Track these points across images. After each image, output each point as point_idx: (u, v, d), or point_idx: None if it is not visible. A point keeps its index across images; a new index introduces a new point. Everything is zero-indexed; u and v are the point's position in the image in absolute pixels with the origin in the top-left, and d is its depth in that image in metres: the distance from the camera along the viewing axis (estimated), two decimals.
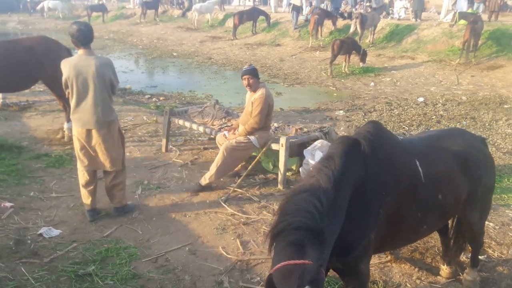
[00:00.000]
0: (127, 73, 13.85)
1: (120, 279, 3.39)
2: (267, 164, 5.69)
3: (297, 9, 19.04)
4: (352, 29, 16.03)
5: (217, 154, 5.08)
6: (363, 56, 13.11)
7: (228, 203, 4.73)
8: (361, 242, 2.36)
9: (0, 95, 8.28)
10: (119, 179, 4.36)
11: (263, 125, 5.01)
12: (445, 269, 3.47)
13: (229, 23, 22.31)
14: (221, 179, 5.24)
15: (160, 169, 5.65)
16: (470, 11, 16.34)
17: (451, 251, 3.48)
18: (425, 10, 20.17)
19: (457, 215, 3.26)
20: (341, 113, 9.02)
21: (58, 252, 3.75)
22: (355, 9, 20.34)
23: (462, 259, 3.62)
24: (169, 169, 5.68)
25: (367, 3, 20.38)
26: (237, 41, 19.62)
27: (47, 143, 6.38)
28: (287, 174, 5.30)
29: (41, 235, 4.00)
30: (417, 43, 15.45)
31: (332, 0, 20.23)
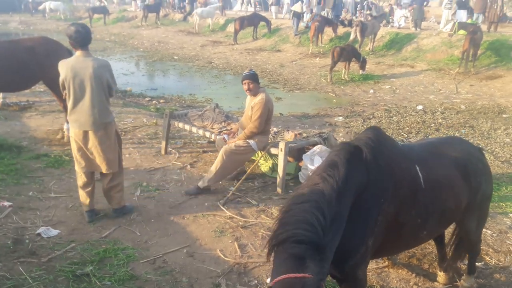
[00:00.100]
0: (128, 75, 13.87)
1: (117, 280, 3.39)
2: (266, 168, 5.71)
3: (298, 15, 19.13)
4: (352, 37, 16.12)
5: (216, 157, 5.10)
6: (363, 63, 13.17)
7: (226, 206, 4.74)
8: (359, 249, 2.34)
9: (0, 94, 8.30)
10: (117, 181, 4.36)
11: (262, 130, 5.03)
12: (442, 276, 3.48)
13: (230, 28, 22.40)
14: (220, 182, 5.26)
15: (159, 171, 5.66)
16: (469, 21, 16.44)
17: (451, 258, 3.48)
18: (425, 19, 20.29)
19: (456, 223, 3.27)
20: (340, 119, 9.06)
21: (56, 252, 3.75)
22: (356, 17, 20.45)
23: (459, 266, 3.63)
24: (168, 171, 5.69)
25: (368, 11, 20.49)
26: (237, 46, 19.69)
27: (46, 143, 6.39)
28: (286, 178, 5.32)
29: (39, 234, 4.00)
30: (417, 52, 15.53)
31: (333, 7, 20.35)
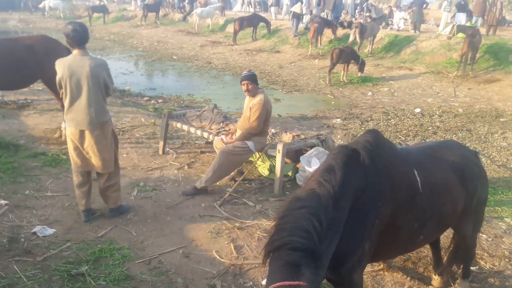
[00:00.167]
0: (127, 74, 13.87)
1: (112, 279, 3.39)
2: (263, 169, 5.72)
3: (297, 16, 19.15)
4: (351, 39, 16.14)
5: (214, 158, 5.10)
6: (361, 66, 13.20)
7: (223, 207, 4.74)
8: (356, 252, 2.34)
9: None
10: (113, 181, 4.35)
11: (260, 131, 5.04)
12: (437, 279, 3.48)
13: (229, 29, 22.41)
14: (217, 183, 5.26)
15: (156, 171, 5.66)
16: (468, 24, 16.47)
17: (448, 263, 3.49)
18: (424, 22, 20.33)
19: (451, 227, 3.28)
20: (338, 121, 9.07)
21: (51, 251, 3.74)
22: (355, 19, 20.48)
23: (454, 270, 3.64)
24: (165, 171, 5.69)
25: (367, 13, 20.54)
26: (237, 47, 19.70)
27: (44, 142, 6.38)
28: (283, 180, 5.32)
29: (35, 233, 4.00)
30: (416, 55, 15.56)
31: (332, 9, 20.38)
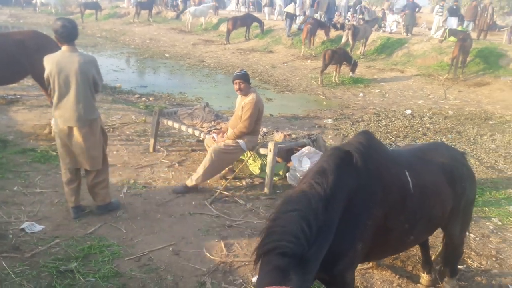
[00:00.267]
0: (118, 71, 13.78)
1: (102, 276, 3.37)
2: (255, 168, 5.72)
3: (290, 16, 19.19)
4: (344, 40, 16.22)
5: (205, 156, 5.09)
6: (354, 66, 13.28)
7: (213, 205, 4.73)
8: (348, 253, 2.35)
9: None
10: (101, 178, 4.31)
11: (252, 130, 5.04)
12: (425, 277, 3.52)
13: (222, 28, 22.37)
14: (208, 182, 5.26)
15: (146, 169, 5.63)
16: (460, 28, 16.66)
17: (437, 262, 3.51)
18: (416, 25, 20.53)
19: (441, 227, 3.31)
20: (330, 121, 9.11)
21: (40, 247, 3.71)
22: (348, 21, 20.59)
23: (442, 268, 3.67)
24: (155, 169, 5.67)
25: (360, 16, 20.66)
26: (230, 46, 19.68)
27: (33, 138, 6.31)
28: (274, 179, 5.34)
29: (23, 230, 3.95)
30: (407, 57, 15.69)
31: (326, 10, 20.46)
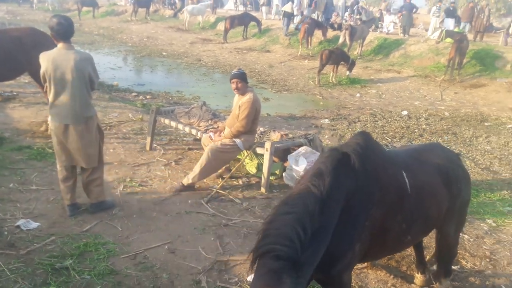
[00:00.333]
0: (115, 69, 13.75)
1: (97, 274, 3.37)
2: (251, 167, 5.73)
3: (288, 15, 19.21)
4: (341, 40, 16.26)
5: (202, 155, 5.10)
6: (351, 65, 13.30)
7: (210, 204, 4.74)
8: (347, 254, 2.35)
9: None
10: (96, 175, 4.31)
11: (249, 129, 5.05)
12: (419, 277, 3.55)
13: (220, 27, 22.37)
14: (204, 180, 5.27)
15: (143, 167, 5.63)
16: (456, 30, 16.73)
17: (432, 262, 3.53)
18: (413, 26, 20.56)
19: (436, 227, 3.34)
20: (326, 121, 9.13)
21: (35, 244, 3.71)
22: (345, 21, 20.63)
23: (436, 268, 3.70)
24: (152, 167, 5.66)
25: (358, 16, 20.70)
26: (227, 45, 19.67)
27: (29, 135, 6.30)
28: (271, 178, 5.35)
29: (18, 227, 3.95)
30: (404, 58, 15.74)
31: (323, 11, 20.48)
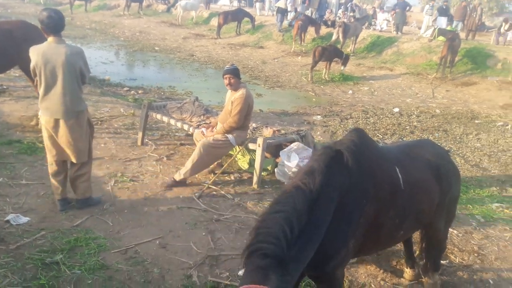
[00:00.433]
0: (107, 64, 13.64)
1: (88, 269, 3.36)
2: (243, 163, 5.74)
3: (282, 11, 19.20)
4: (334, 37, 16.28)
5: (194, 150, 5.09)
6: (345, 60, 13.35)
7: (201, 200, 4.74)
8: (341, 251, 2.37)
9: None
10: (83, 171, 4.27)
11: (241, 125, 5.05)
12: (408, 272, 3.59)
13: (213, 22, 22.29)
14: (196, 176, 5.26)
15: (134, 162, 5.61)
16: (449, 28, 16.84)
17: (421, 257, 3.56)
18: (406, 24, 20.67)
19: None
20: (319, 118, 9.16)
21: (25, 239, 3.68)
22: (339, 18, 20.66)
23: (425, 263, 3.74)
24: (143, 162, 5.64)
25: (351, 13, 20.74)
26: (220, 40, 19.61)
27: (20, 130, 6.24)
28: (262, 174, 5.36)
29: (8, 221, 3.91)
30: (397, 55, 15.81)
31: (317, 7, 20.49)
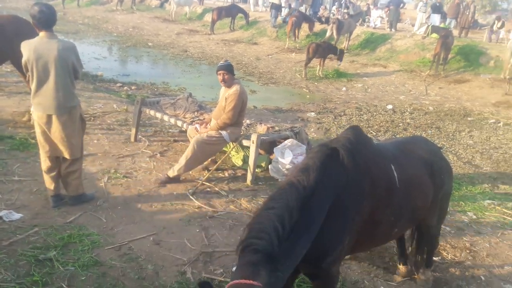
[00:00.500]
0: (100, 60, 13.54)
1: (81, 265, 3.35)
2: (237, 160, 5.74)
3: (276, 7, 19.16)
4: (328, 34, 16.29)
5: (187, 147, 5.08)
6: (341, 55, 13.36)
7: (195, 196, 4.73)
8: (337, 248, 2.38)
9: None
10: (75, 167, 4.23)
11: (235, 121, 5.04)
12: (401, 269, 3.62)
13: (207, 18, 22.20)
14: (190, 172, 5.25)
15: (128, 159, 5.58)
16: (442, 25, 16.91)
17: (417, 259, 3.59)
18: (400, 21, 20.72)
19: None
20: (313, 114, 9.17)
21: (18, 236, 3.65)
22: (333, 15, 20.66)
23: (418, 259, 3.77)
24: (137, 159, 5.62)
25: (345, 10, 20.76)
26: (214, 36, 19.55)
27: (12, 125, 6.18)
28: (256, 170, 5.36)
29: (1, 218, 3.88)
30: (390, 53, 15.86)
31: (311, 4, 20.48)
